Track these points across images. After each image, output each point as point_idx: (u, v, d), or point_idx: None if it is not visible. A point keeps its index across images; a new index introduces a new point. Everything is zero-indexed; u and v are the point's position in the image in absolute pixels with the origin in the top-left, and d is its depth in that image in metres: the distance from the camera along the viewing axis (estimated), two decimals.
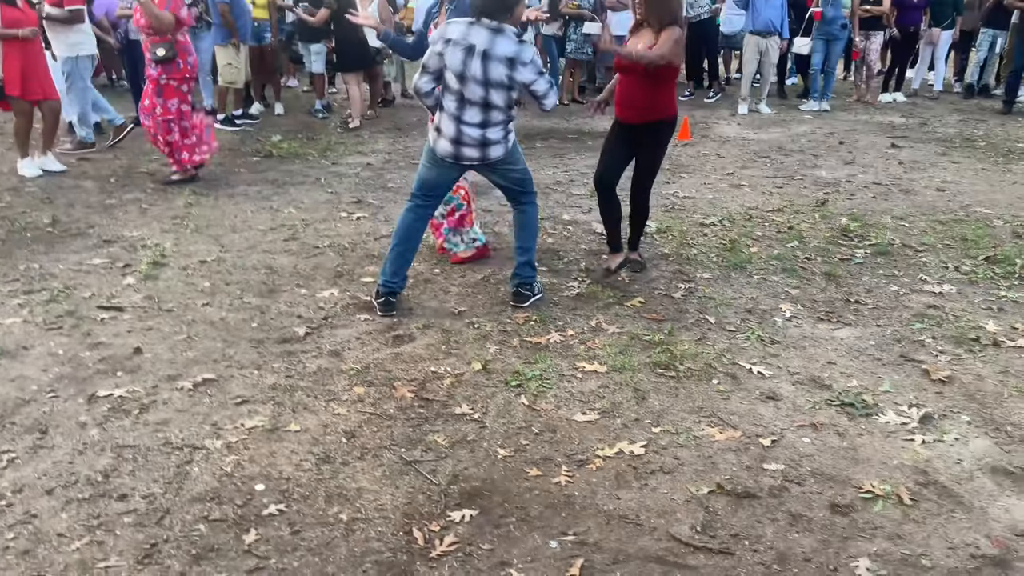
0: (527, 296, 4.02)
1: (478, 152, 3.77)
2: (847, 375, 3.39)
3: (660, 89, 4.15)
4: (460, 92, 3.64)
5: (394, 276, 3.93)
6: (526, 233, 4.05)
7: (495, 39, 3.55)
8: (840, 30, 9.70)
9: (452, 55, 3.58)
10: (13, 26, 6.01)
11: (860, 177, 6.74)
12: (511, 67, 3.57)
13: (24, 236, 5.01)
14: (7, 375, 3.29)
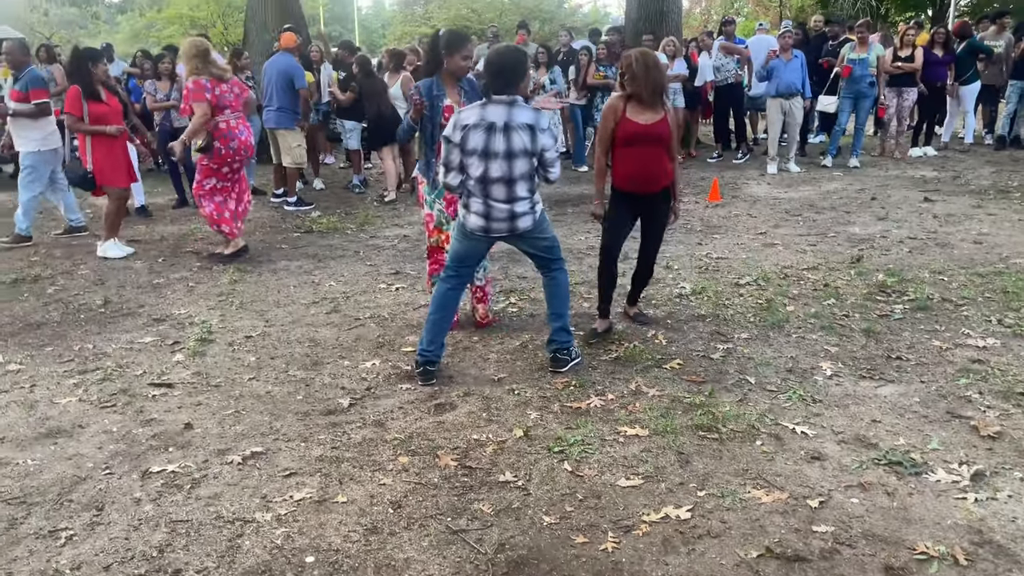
0: (565, 361, 4.06)
1: (507, 225, 3.89)
2: (893, 433, 3.35)
3: (666, 159, 4.34)
4: (485, 171, 3.77)
5: (430, 345, 4.00)
6: (558, 300, 4.10)
7: (512, 111, 3.72)
8: (868, 88, 9.81)
9: (474, 137, 3.73)
10: (100, 121, 6.42)
11: (895, 232, 6.74)
12: (531, 134, 3.73)
13: (78, 317, 5.20)
14: (64, 453, 3.39)
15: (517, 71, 3.78)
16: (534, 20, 26.35)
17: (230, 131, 6.21)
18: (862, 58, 9.71)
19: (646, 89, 4.15)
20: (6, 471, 3.25)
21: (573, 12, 32.54)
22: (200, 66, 6.11)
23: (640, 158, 4.27)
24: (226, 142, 6.19)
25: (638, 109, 4.22)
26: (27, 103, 6.81)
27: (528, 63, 3.95)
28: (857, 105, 9.93)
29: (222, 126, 6.17)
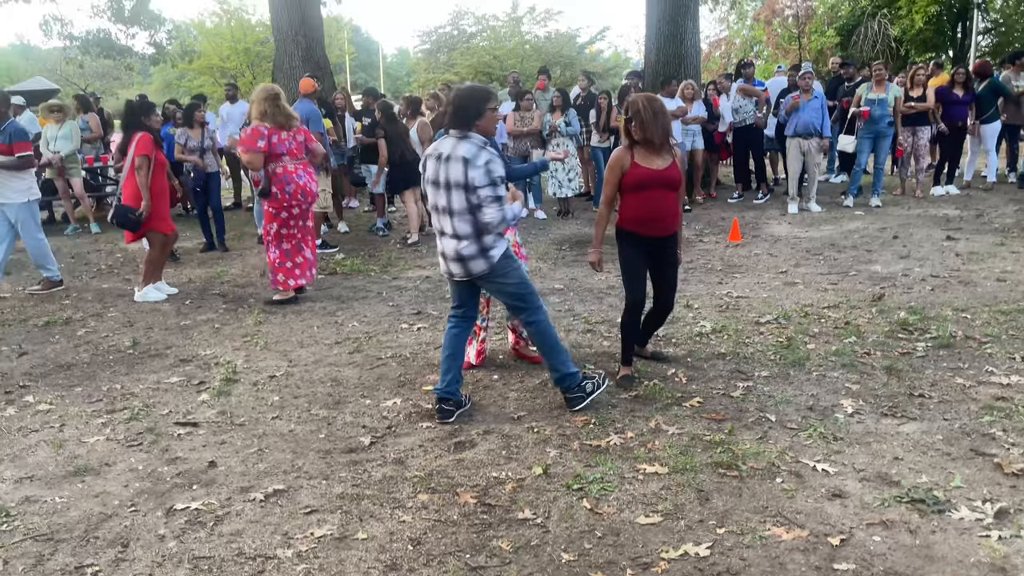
0: (578, 399, 4.05)
1: (459, 267, 3.93)
2: (916, 471, 3.32)
3: (678, 200, 4.42)
4: (435, 203, 3.91)
5: (442, 383, 4.06)
6: (544, 351, 4.06)
7: (457, 144, 3.82)
8: (887, 127, 9.84)
9: (428, 166, 3.92)
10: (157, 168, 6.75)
11: (917, 271, 6.71)
12: (465, 166, 3.74)
13: (107, 358, 5.31)
14: (91, 491, 3.46)
15: (472, 109, 3.83)
16: (555, 65, 26.77)
17: (286, 175, 6.30)
18: (880, 98, 9.77)
19: (657, 134, 4.17)
20: (35, 508, 3.31)
21: (593, 57, 32.99)
22: (268, 110, 6.31)
23: (652, 202, 4.28)
24: (282, 186, 6.30)
25: (646, 155, 4.24)
26: (10, 155, 6.72)
27: (489, 104, 3.88)
28: (876, 145, 9.95)
29: (279, 171, 6.29)
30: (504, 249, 3.95)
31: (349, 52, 35.96)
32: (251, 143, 6.24)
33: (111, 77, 40.72)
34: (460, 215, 3.82)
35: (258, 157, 6.23)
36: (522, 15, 31.19)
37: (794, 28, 29.91)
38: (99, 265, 8.52)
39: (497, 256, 3.90)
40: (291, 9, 12.93)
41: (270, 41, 18.99)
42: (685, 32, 11.96)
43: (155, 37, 17.62)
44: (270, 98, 6.34)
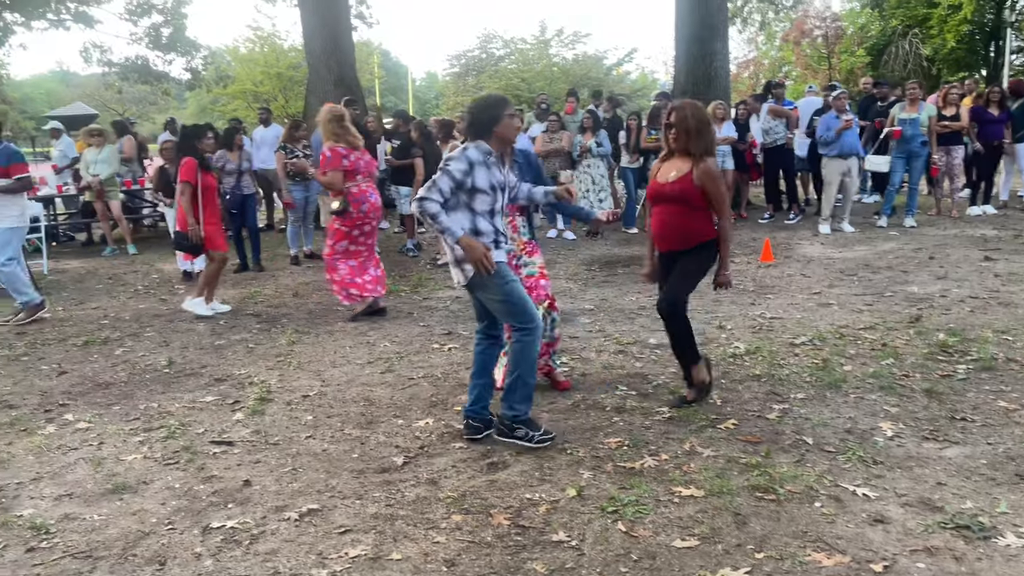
0: (501, 431, 3.92)
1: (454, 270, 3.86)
2: (960, 496, 3.25)
3: (695, 216, 4.16)
4: None
5: (469, 402, 4.08)
6: (511, 370, 3.88)
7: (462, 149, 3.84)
8: (920, 147, 9.74)
9: None
10: (209, 191, 6.93)
11: (955, 291, 6.60)
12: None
13: (144, 377, 5.38)
14: (129, 509, 3.49)
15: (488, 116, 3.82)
16: (583, 88, 26.89)
17: (361, 195, 6.48)
18: (913, 118, 9.67)
19: (698, 146, 4.07)
20: (74, 526, 3.35)
21: (621, 79, 33.10)
22: (337, 131, 6.46)
23: (657, 215, 4.26)
24: (357, 205, 6.46)
25: (670, 166, 4.20)
26: (7, 178, 6.64)
27: (507, 110, 3.86)
28: (910, 164, 9.85)
29: (354, 190, 6.46)
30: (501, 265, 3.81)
31: (379, 76, 36.42)
32: (336, 163, 6.37)
33: (148, 102, 41.70)
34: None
35: (339, 177, 6.37)
36: (550, 38, 31.40)
37: (823, 48, 29.78)
38: (135, 286, 8.67)
39: (472, 270, 3.76)
40: (324, 34, 13.18)
41: (303, 66, 19.31)
42: (714, 53, 12.00)
43: (191, 63, 18.03)
44: (336, 119, 6.49)
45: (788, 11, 23.86)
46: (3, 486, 3.76)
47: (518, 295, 3.83)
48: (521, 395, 3.88)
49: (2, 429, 4.50)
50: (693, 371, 4.32)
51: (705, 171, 4.07)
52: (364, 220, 6.52)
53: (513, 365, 3.88)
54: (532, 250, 4.69)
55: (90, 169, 10.62)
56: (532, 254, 4.68)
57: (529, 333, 3.83)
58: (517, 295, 3.83)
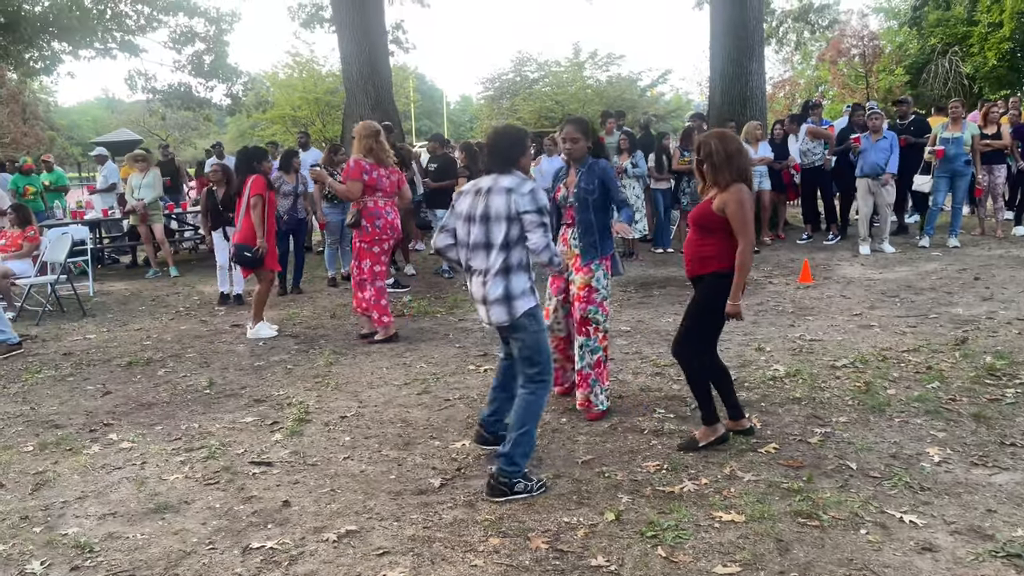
0: (500, 491, 3.62)
1: (484, 311, 3.74)
2: (1011, 524, 3.15)
3: (708, 242, 3.99)
4: (468, 239, 3.76)
5: (489, 413, 4.16)
6: (515, 424, 3.68)
7: (499, 177, 3.74)
8: (964, 166, 9.58)
9: (462, 201, 3.84)
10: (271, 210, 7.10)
11: (1002, 313, 6.45)
12: (509, 195, 3.63)
13: (185, 398, 5.46)
14: (171, 528, 3.53)
15: (516, 148, 3.79)
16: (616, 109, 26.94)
17: (377, 210, 6.58)
18: (956, 137, 9.52)
19: (727, 177, 3.91)
20: (117, 544, 3.40)
21: (655, 100, 33.11)
22: (373, 146, 6.59)
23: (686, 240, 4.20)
24: (371, 220, 6.56)
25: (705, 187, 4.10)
26: None
27: (528, 142, 3.91)
28: (953, 184, 9.68)
29: (370, 205, 6.56)
30: (531, 307, 3.69)
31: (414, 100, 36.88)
32: (356, 175, 6.49)
33: (189, 127, 42.68)
34: (497, 249, 3.65)
35: (358, 187, 6.48)
36: (584, 60, 31.55)
37: (860, 67, 29.52)
38: (177, 307, 8.83)
39: (520, 311, 3.66)
40: (361, 60, 13.39)
41: (340, 90, 19.64)
42: (749, 74, 11.95)
43: (232, 89, 18.41)
44: (372, 135, 6.62)
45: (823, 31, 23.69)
46: (49, 505, 3.83)
47: (544, 343, 3.77)
48: (525, 450, 3.69)
49: (48, 448, 4.59)
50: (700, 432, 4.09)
51: (731, 196, 3.87)
52: (381, 236, 6.59)
53: (521, 419, 3.68)
54: (581, 266, 4.54)
55: (135, 193, 10.88)
56: (579, 271, 4.55)
57: (542, 385, 3.73)
58: (543, 343, 3.76)
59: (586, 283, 4.51)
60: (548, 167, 10.94)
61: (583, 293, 4.52)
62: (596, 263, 4.53)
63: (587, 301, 4.52)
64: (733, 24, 11.78)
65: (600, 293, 4.53)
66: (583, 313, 4.54)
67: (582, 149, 4.50)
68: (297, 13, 17.61)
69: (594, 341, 4.56)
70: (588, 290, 4.51)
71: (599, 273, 4.53)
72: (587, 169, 4.51)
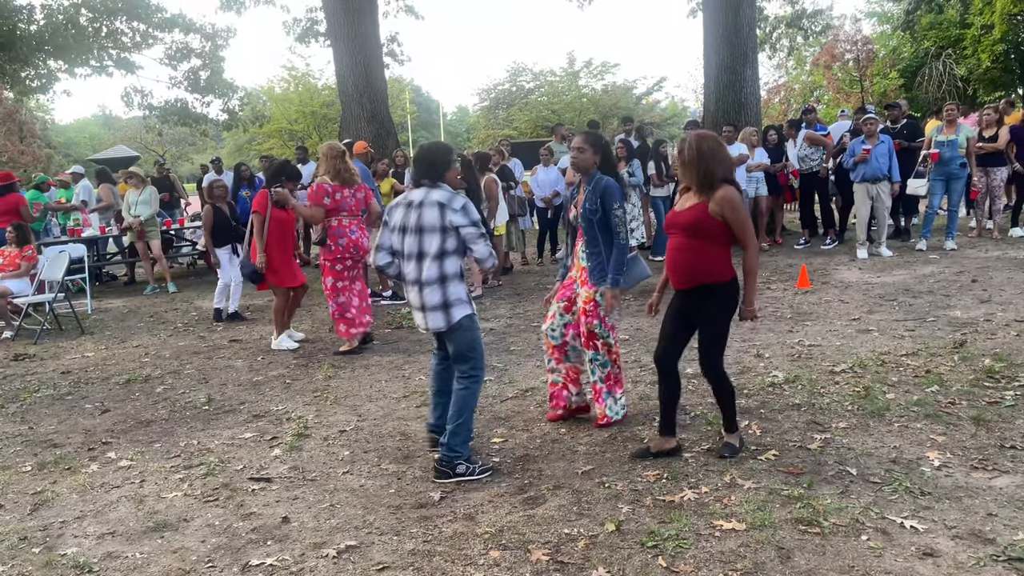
0: (444, 473, 4.00)
1: (421, 318, 4.05)
2: (1012, 527, 3.14)
3: (708, 250, 3.86)
4: (403, 249, 4.06)
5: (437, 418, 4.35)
6: (453, 416, 4.03)
7: (430, 191, 4.00)
8: (960, 169, 9.60)
9: (395, 214, 4.10)
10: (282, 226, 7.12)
11: (1000, 315, 6.45)
12: (442, 211, 3.93)
13: (184, 415, 5.45)
14: (170, 547, 3.52)
15: (441, 163, 4.06)
16: (612, 118, 27.01)
17: (341, 229, 6.71)
18: (951, 139, 9.54)
19: (693, 178, 3.86)
20: (116, 564, 3.39)
21: (650, 108, 33.20)
22: (338, 167, 6.72)
23: (670, 247, 4.00)
24: (335, 239, 6.71)
25: (687, 197, 3.99)
26: None
27: (453, 157, 4.16)
28: (949, 187, 9.70)
29: (334, 223, 6.70)
30: (467, 313, 4.04)
31: (411, 111, 36.99)
32: (317, 199, 6.67)
33: (186, 143, 42.77)
34: (431, 259, 3.96)
35: (320, 212, 6.66)
36: (579, 69, 31.68)
37: (855, 71, 29.62)
38: (176, 323, 8.82)
39: (456, 318, 4.00)
40: (356, 73, 13.44)
41: (336, 103, 19.70)
42: (744, 80, 11.98)
43: (228, 104, 18.45)
44: (338, 156, 6.80)
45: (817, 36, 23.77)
46: (48, 524, 3.82)
47: (478, 341, 4.12)
48: (463, 438, 4.03)
49: (47, 468, 4.58)
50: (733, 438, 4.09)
51: (724, 198, 3.79)
52: (344, 255, 6.71)
53: (459, 411, 4.03)
54: (587, 280, 4.52)
55: (131, 210, 10.90)
56: (585, 284, 4.52)
57: (475, 381, 4.07)
58: (478, 341, 4.11)
59: (591, 298, 4.49)
60: (544, 177, 10.98)
61: (589, 307, 4.50)
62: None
63: (592, 315, 4.50)
64: (726, 31, 11.82)
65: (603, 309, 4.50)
66: (589, 327, 4.51)
67: (587, 160, 4.47)
68: (292, 27, 17.67)
69: (603, 355, 4.55)
70: (594, 304, 4.49)
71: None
72: (592, 187, 4.45)
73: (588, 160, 4.47)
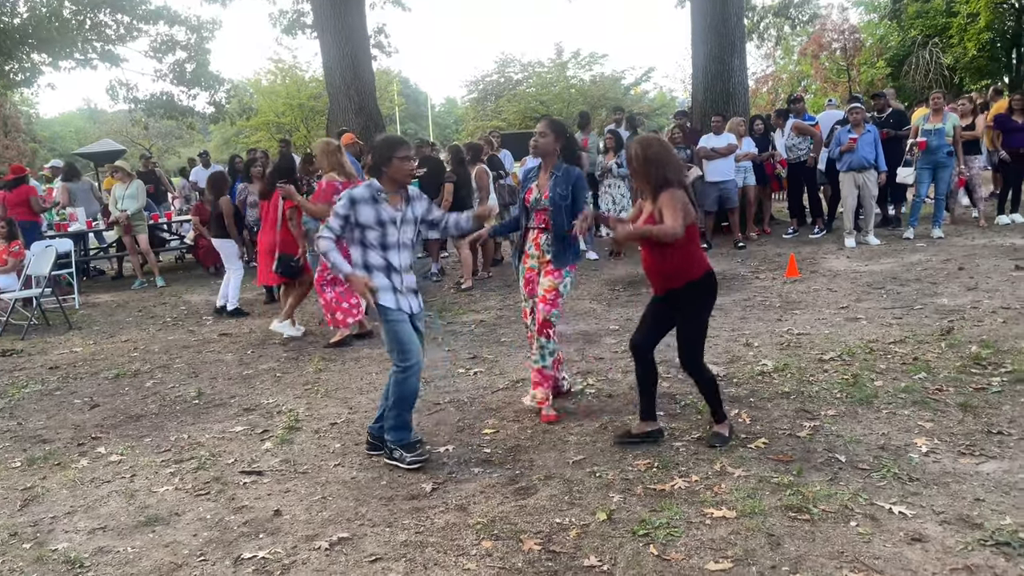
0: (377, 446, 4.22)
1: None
2: (999, 512, 3.18)
3: (676, 253, 3.89)
4: None
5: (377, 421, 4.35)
6: (390, 402, 4.08)
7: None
8: (946, 157, 9.64)
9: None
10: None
11: (986, 302, 6.49)
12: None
13: (174, 409, 5.44)
14: (162, 541, 3.51)
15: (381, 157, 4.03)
16: (600, 109, 27.00)
17: None
18: (937, 128, 9.59)
19: (649, 186, 3.90)
20: (108, 559, 3.38)
21: (639, 98, 33.20)
22: (341, 161, 6.75)
23: (643, 252, 4.06)
24: None
25: (644, 205, 4.03)
26: None
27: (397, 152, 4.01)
28: (936, 175, 9.75)
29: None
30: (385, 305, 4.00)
31: (399, 103, 36.85)
32: (327, 198, 6.51)
33: (173, 136, 42.45)
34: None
35: (327, 209, 6.45)
36: (567, 60, 31.63)
37: (842, 61, 29.69)
38: (164, 318, 8.78)
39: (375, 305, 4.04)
40: (344, 65, 13.36)
41: (323, 96, 19.59)
42: (732, 70, 11.99)
43: (215, 97, 18.31)
44: (335, 151, 6.78)
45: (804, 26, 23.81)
46: (38, 520, 3.80)
47: (395, 334, 4.02)
48: (394, 423, 4.09)
49: (36, 463, 4.56)
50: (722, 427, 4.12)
51: (662, 200, 3.81)
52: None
53: (394, 400, 4.06)
54: (551, 270, 4.59)
55: (118, 204, 10.82)
56: (550, 274, 4.59)
57: (403, 371, 4.02)
58: (394, 334, 4.03)
59: (553, 287, 4.57)
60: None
61: (549, 296, 4.58)
62: (567, 269, 4.61)
63: (552, 304, 4.59)
64: (714, 21, 11.82)
65: (562, 298, 4.64)
66: (546, 316, 4.60)
67: (548, 144, 4.55)
68: (278, 20, 17.53)
69: (553, 343, 4.67)
70: (555, 294, 4.58)
71: (567, 280, 4.63)
72: (563, 175, 4.51)
73: (550, 145, 4.55)
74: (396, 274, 4.06)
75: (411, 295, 4.13)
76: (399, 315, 4.03)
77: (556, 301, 4.59)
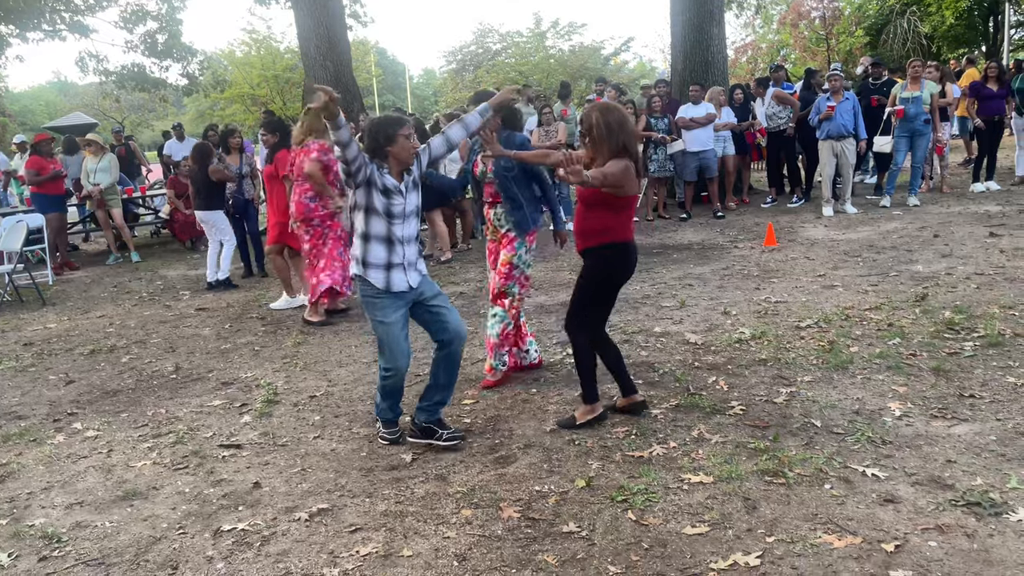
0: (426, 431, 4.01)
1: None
2: (970, 473, 3.24)
3: (596, 214, 3.85)
4: None
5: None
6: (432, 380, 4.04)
7: None
8: (923, 125, 9.68)
9: None
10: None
11: (960, 269, 6.57)
12: None
13: (151, 384, 5.39)
14: (140, 515, 3.50)
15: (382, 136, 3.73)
16: (580, 79, 26.82)
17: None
18: (915, 96, 9.62)
19: (609, 154, 3.73)
20: (85, 533, 3.37)
21: (618, 68, 32.99)
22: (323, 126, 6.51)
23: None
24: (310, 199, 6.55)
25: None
26: None
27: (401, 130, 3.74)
28: (913, 143, 9.80)
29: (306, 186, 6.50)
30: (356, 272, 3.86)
31: (376, 74, 36.39)
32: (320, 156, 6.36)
33: (146, 109, 41.73)
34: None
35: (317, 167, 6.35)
36: (546, 30, 31.33)
37: (821, 30, 29.65)
38: (140, 293, 8.69)
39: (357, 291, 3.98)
40: (319, 35, 13.16)
41: (299, 67, 19.30)
42: (711, 39, 11.94)
43: (188, 69, 17.98)
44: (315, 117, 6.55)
45: None
46: (14, 496, 3.77)
47: (380, 337, 3.88)
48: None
49: (12, 440, 4.52)
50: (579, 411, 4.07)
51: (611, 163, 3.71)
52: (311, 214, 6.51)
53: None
54: (507, 243, 4.65)
55: (90, 178, 10.64)
56: (505, 247, 4.66)
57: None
58: (379, 336, 3.89)
59: (508, 260, 4.63)
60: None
61: (504, 270, 4.66)
62: (520, 240, 4.62)
63: (507, 277, 4.66)
64: None
65: (519, 269, 4.66)
66: (501, 287, 4.67)
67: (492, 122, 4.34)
68: None
69: (504, 313, 4.70)
70: (509, 267, 4.63)
71: (521, 251, 4.65)
72: (504, 143, 4.39)
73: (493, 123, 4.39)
74: (398, 245, 3.82)
75: (411, 269, 3.88)
76: (386, 314, 3.80)
77: (512, 274, 4.65)
